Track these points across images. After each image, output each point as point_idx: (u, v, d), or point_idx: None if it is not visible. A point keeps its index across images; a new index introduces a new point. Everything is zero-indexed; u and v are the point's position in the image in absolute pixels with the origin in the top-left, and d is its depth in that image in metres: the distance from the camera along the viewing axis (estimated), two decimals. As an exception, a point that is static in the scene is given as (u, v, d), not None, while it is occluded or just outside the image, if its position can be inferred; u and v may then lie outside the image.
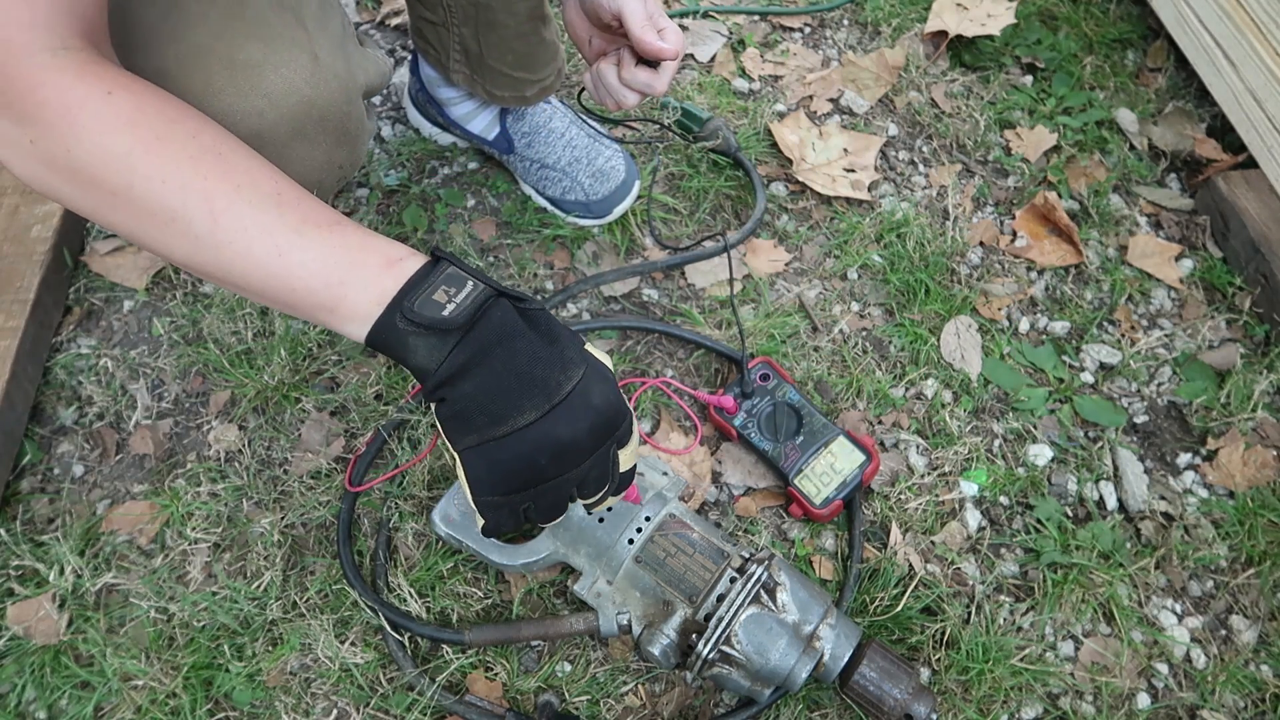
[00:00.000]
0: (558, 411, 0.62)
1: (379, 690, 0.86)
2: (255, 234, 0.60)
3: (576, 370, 0.63)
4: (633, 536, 0.86)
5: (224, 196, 0.60)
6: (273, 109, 0.71)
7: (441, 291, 0.61)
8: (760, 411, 1.00)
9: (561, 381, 0.62)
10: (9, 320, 1.01)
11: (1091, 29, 1.47)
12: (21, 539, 0.93)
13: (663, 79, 0.85)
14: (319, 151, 0.76)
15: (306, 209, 0.62)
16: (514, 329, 0.62)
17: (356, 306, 0.61)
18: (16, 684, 0.86)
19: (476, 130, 1.19)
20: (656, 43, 0.81)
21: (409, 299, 0.60)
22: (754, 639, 0.78)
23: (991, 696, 0.87)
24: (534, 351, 0.62)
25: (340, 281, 0.61)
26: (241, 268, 0.61)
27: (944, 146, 1.32)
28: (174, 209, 0.59)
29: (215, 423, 1.02)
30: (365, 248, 0.62)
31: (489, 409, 0.62)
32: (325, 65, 0.74)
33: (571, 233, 1.17)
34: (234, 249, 0.60)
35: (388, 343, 0.61)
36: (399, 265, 0.62)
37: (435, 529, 0.89)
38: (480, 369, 0.61)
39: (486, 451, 0.63)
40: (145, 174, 0.59)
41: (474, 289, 0.62)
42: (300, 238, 0.60)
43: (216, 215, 0.59)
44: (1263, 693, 0.90)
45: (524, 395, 0.61)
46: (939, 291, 1.15)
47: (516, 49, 1.04)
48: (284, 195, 0.61)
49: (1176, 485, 1.03)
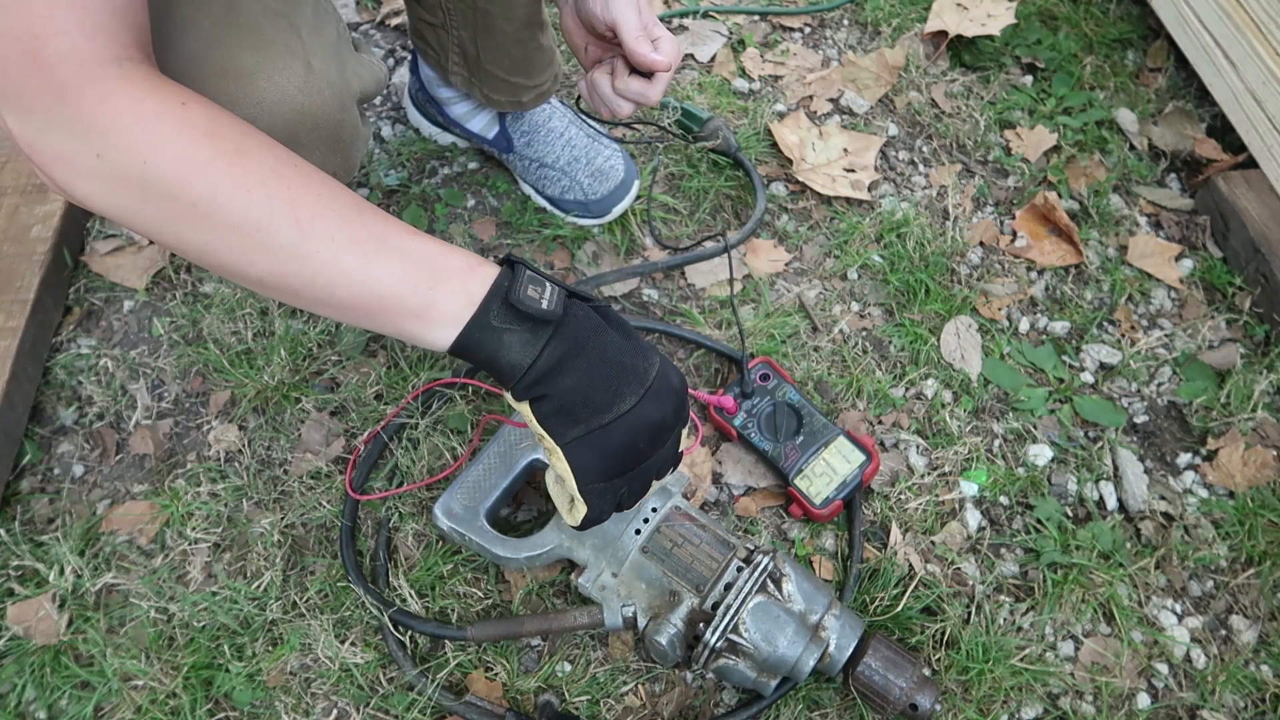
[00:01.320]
0: (649, 395, 0.66)
1: (379, 690, 0.86)
2: (342, 243, 0.60)
3: (655, 357, 0.68)
4: (639, 527, 0.86)
5: (308, 207, 0.60)
6: (266, 117, 0.70)
7: (533, 289, 0.63)
8: (760, 411, 1.00)
9: (647, 368, 0.67)
10: (9, 320, 1.01)
11: (1091, 29, 1.47)
12: (21, 539, 0.93)
13: (656, 89, 0.85)
14: (313, 159, 0.74)
15: (384, 219, 0.63)
16: (598, 323, 0.66)
17: (446, 310, 0.62)
18: (16, 684, 0.86)
19: (476, 129, 1.19)
20: (650, 55, 0.80)
21: (511, 292, 0.62)
22: (761, 627, 0.79)
23: (991, 696, 0.87)
24: (619, 343, 0.66)
25: (429, 287, 0.62)
26: (328, 278, 0.61)
27: (944, 146, 1.32)
28: (259, 219, 0.59)
29: (215, 423, 1.02)
30: (447, 254, 0.64)
31: (592, 400, 0.65)
32: (319, 73, 0.74)
33: (571, 233, 1.17)
34: (320, 259, 0.60)
35: (480, 343, 0.63)
36: (481, 269, 0.64)
37: (437, 523, 0.89)
38: (577, 361, 0.64)
39: (593, 440, 0.66)
40: (230, 184, 0.58)
41: (554, 288, 0.64)
42: (385, 245, 0.61)
43: (302, 225, 0.60)
44: (1263, 693, 0.90)
45: (622, 383, 0.65)
46: (939, 291, 1.15)
47: (513, 54, 1.04)
48: (362, 204, 0.62)
49: (1176, 485, 1.03)
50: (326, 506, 0.96)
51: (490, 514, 0.89)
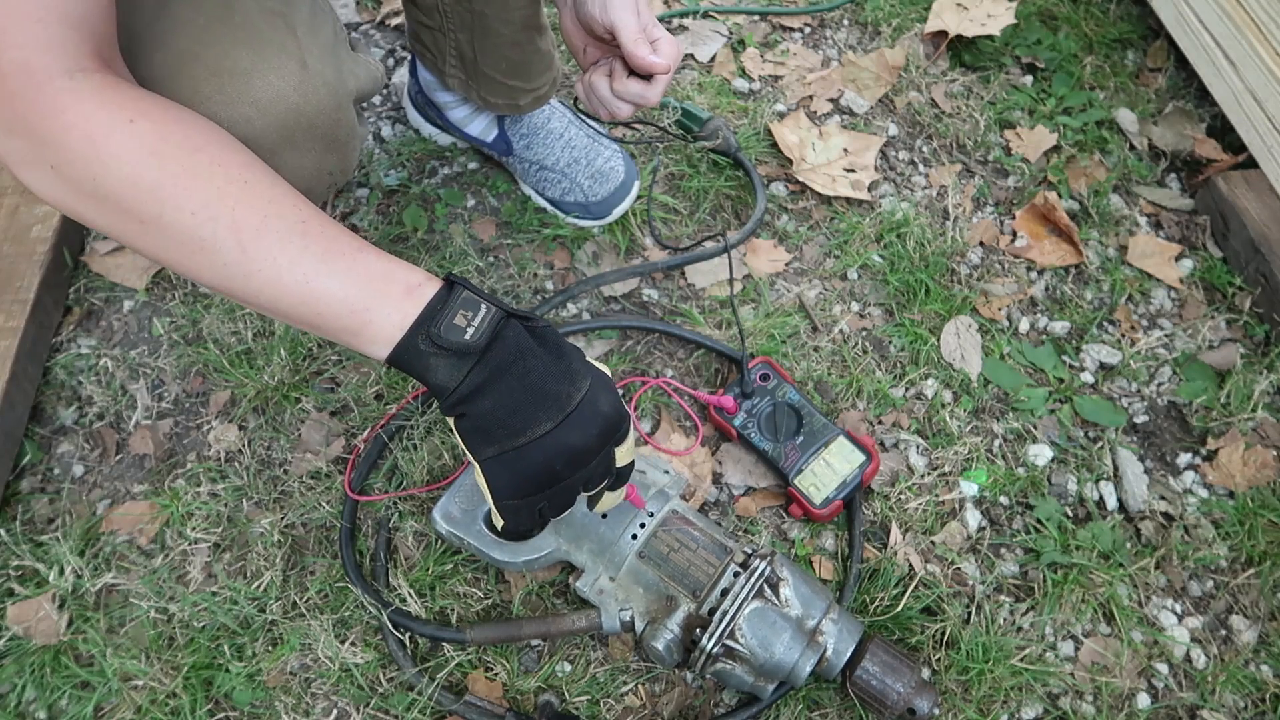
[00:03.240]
0: (570, 421, 0.67)
1: (379, 690, 0.86)
2: (283, 264, 0.62)
3: (584, 381, 0.69)
4: (636, 532, 0.86)
5: (251, 229, 0.62)
6: (260, 117, 0.70)
7: (460, 315, 0.65)
8: (760, 411, 1.00)
9: (571, 393, 0.68)
10: (9, 320, 1.01)
11: (1091, 29, 1.47)
12: (21, 539, 0.93)
13: (655, 91, 0.85)
14: (309, 159, 0.75)
15: (331, 237, 0.65)
16: (525, 348, 0.67)
17: (380, 330, 0.65)
18: (16, 684, 0.86)
19: (475, 133, 1.19)
20: (648, 57, 0.80)
21: (434, 324, 0.64)
22: (758, 633, 0.78)
23: (991, 696, 0.87)
24: (545, 367, 0.67)
25: (365, 308, 0.64)
26: (270, 294, 0.64)
27: (944, 146, 1.32)
28: (203, 239, 0.61)
29: (215, 423, 1.02)
30: (387, 275, 0.66)
31: (507, 423, 0.67)
32: (315, 72, 0.74)
33: (571, 233, 1.17)
34: (262, 278, 0.63)
35: (409, 363, 0.66)
36: (418, 291, 0.66)
37: (436, 527, 0.89)
38: (497, 386, 0.66)
39: (507, 461, 0.68)
40: (175, 205, 0.60)
41: (488, 312, 0.66)
42: (325, 266, 0.63)
43: (245, 246, 0.62)
44: (1263, 693, 0.90)
45: (539, 408, 0.67)
46: (939, 291, 1.15)
47: (511, 57, 1.04)
48: (309, 224, 0.64)
49: (1176, 485, 1.03)
50: (326, 506, 0.96)
51: (488, 518, 0.89)
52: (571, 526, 0.87)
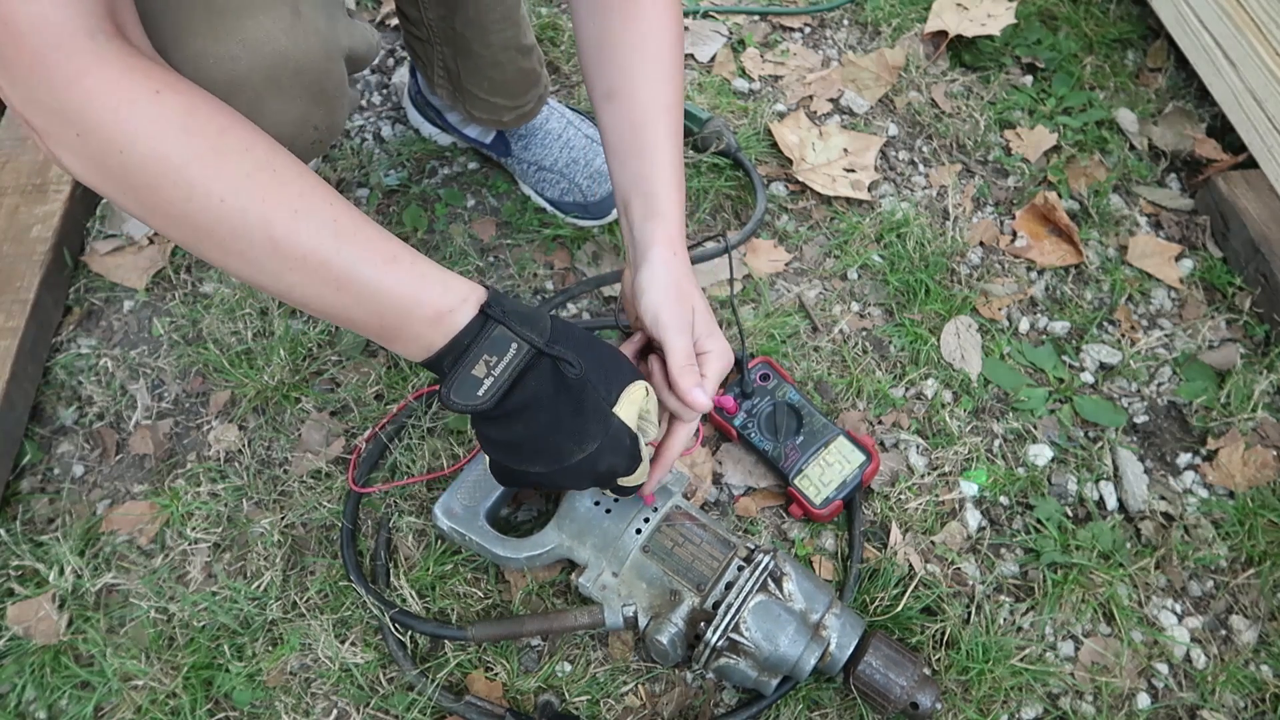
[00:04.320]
0: (564, 470, 0.71)
1: (379, 690, 0.86)
2: (313, 266, 0.60)
3: (591, 444, 0.70)
4: (640, 526, 0.86)
5: (282, 223, 0.59)
6: (247, 56, 0.68)
7: (481, 364, 0.65)
8: (760, 411, 1.00)
9: (573, 451, 0.70)
10: (9, 320, 1.01)
11: (1091, 29, 1.47)
12: (21, 539, 0.93)
13: (693, 417, 0.79)
14: (294, 108, 0.73)
15: (364, 240, 0.62)
16: (541, 399, 0.67)
17: (407, 350, 0.66)
18: (16, 684, 0.86)
19: (473, 135, 1.19)
20: (690, 392, 0.74)
21: (446, 385, 0.65)
22: (762, 626, 0.79)
23: (991, 696, 0.87)
24: (554, 421, 0.68)
25: (396, 328, 0.64)
26: (299, 295, 0.62)
27: (944, 146, 1.32)
28: (234, 229, 0.58)
29: (215, 423, 1.02)
30: (418, 296, 0.64)
31: (508, 453, 0.71)
32: (306, 19, 0.72)
33: (571, 233, 1.17)
34: (291, 279, 0.61)
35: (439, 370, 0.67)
36: (448, 319, 0.64)
37: (437, 523, 0.89)
38: (505, 425, 0.68)
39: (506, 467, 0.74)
40: (204, 189, 0.57)
41: (516, 354, 0.65)
42: (355, 277, 0.61)
43: (276, 242, 0.59)
44: (1263, 693, 0.90)
45: (535, 459, 0.70)
46: (939, 291, 1.15)
47: (492, 76, 1.04)
48: (340, 222, 0.61)
49: (1176, 485, 1.03)
50: (326, 506, 0.96)
51: (490, 514, 0.89)
52: (574, 522, 0.87)
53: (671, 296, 0.76)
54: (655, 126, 0.79)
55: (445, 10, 1.00)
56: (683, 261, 0.78)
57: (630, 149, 0.80)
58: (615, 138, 0.81)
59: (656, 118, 0.79)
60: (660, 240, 0.78)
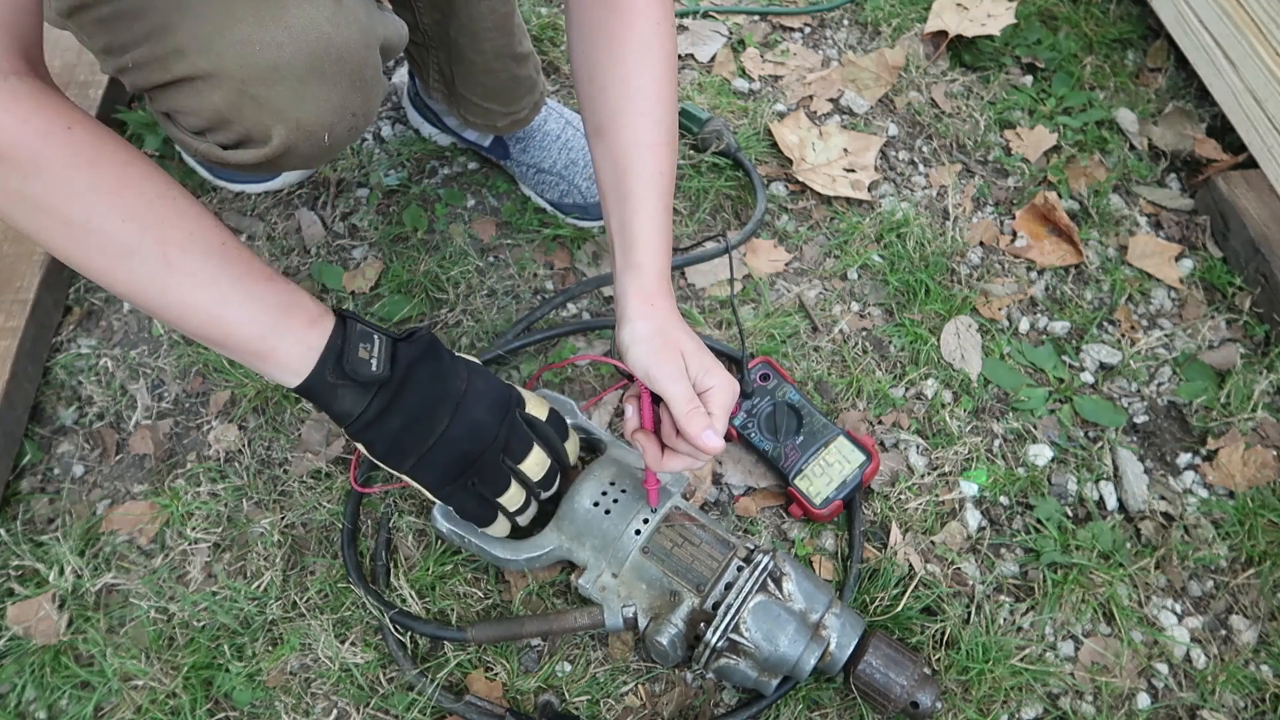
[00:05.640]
0: (462, 408, 0.78)
1: (379, 690, 0.86)
2: (203, 280, 0.66)
3: (463, 371, 0.80)
4: (639, 527, 0.86)
5: (177, 243, 0.65)
6: (292, 42, 0.69)
7: (363, 349, 0.73)
8: (760, 411, 1.00)
9: (457, 385, 0.78)
10: (9, 320, 1.01)
11: (1091, 29, 1.47)
12: (21, 539, 0.93)
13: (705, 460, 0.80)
14: (335, 94, 0.74)
15: (246, 261, 0.69)
16: (413, 364, 0.76)
17: (289, 358, 0.71)
18: (16, 684, 0.86)
19: (471, 137, 1.20)
20: (700, 436, 0.74)
21: (343, 358, 0.72)
22: (762, 626, 0.79)
23: (991, 696, 0.87)
24: (430, 375, 0.77)
25: (275, 334, 0.70)
26: (182, 309, 0.67)
27: (944, 146, 1.32)
28: (130, 247, 0.63)
29: (215, 423, 1.02)
30: (294, 304, 0.71)
31: (415, 432, 0.77)
32: (348, 7, 0.73)
33: (571, 233, 1.17)
34: (180, 291, 0.66)
35: (316, 393, 0.73)
36: (320, 322, 0.72)
37: (437, 525, 0.89)
38: (398, 405, 0.75)
39: (426, 462, 0.78)
40: (105, 211, 0.62)
41: (381, 341, 0.75)
42: (240, 288, 0.68)
43: (170, 259, 0.65)
44: (1263, 693, 0.90)
45: (437, 409, 0.77)
46: (939, 291, 1.15)
47: (485, 83, 1.05)
48: (228, 247, 0.68)
49: (1176, 485, 1.03)
50: (326, 506, 0.96)
51: None
52: (574, 523, 0.87)
53: (656, 348, 0.76)
54: (638, 169, 0.79)
55: (440, 16, 1.00)
56: (663, 311, 0.78)
57: (613, 192, 0.80)
58: (601, 177, 0.82)
59: (639, 158, 0.79)
60: (635, 295, 0.78)
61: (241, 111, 0.70)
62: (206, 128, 0.73)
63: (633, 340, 0.76)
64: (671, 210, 0.82)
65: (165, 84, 0.71)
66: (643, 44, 0.79)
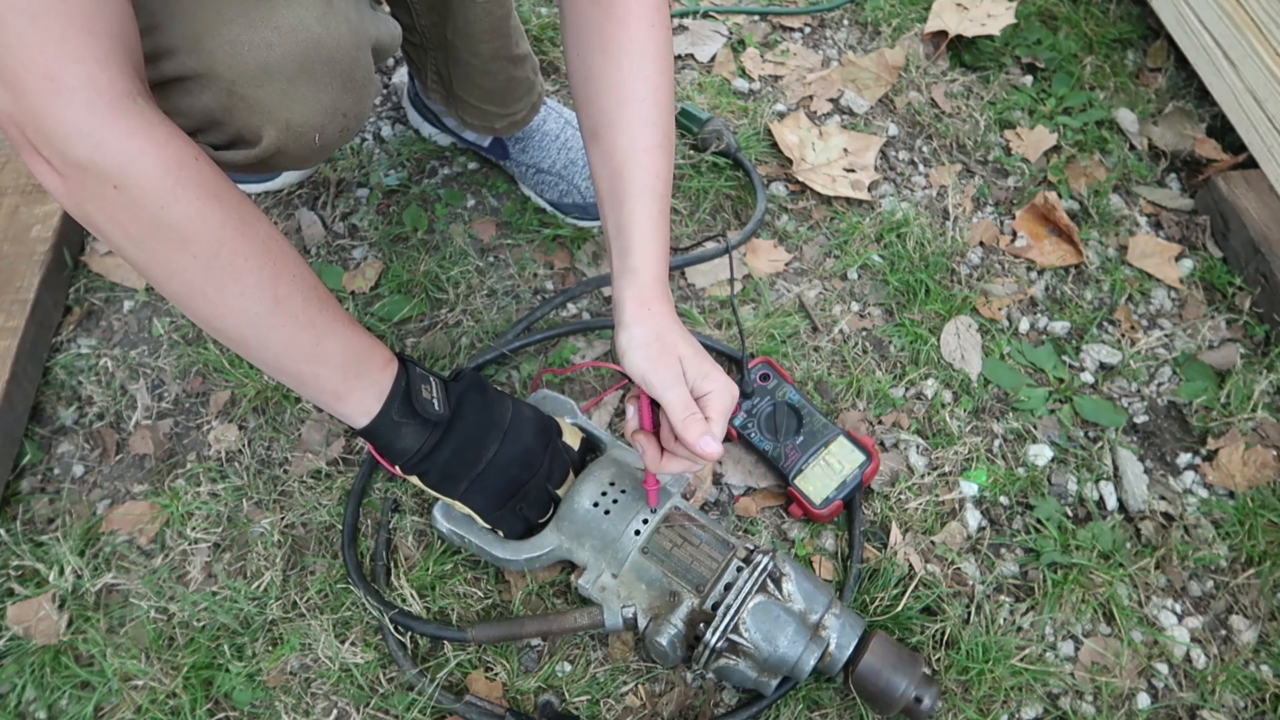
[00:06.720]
0: (509, 435, 0.83)
1: (379, 690, 0.86)
2: (303, 322, 0.69)
3: (508, 403, 0.85)
4: (639, 528, 0.86)
5: (286, 284, 0.67)
6: (281, 42, 0.69)
7: (424, 389, 0.79)
8: (760, 411, 1.00)
9: (504, 413, 0.84)
10: (9, 320, 1.01)
11: (1091, 29, 1.47)
12: (21, 539, 0.93)
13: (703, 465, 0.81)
14: (325, 95, 0.74)
15: (335, 306, 0.73)
16: (463, 396, 0.81)
17: (364, 400, 0.76)
18: (16, 684, 0.86)
19: (470, 138, 1.20)
20: (698, 443, 0.74)
21: (411, 398, 0.77)
22: (762, 627, 0.79)
23: (991, 696, 0.87)
24: (478, 404, 0.82)
25: (356, 375, 0.75)
26: (279, 350, 0.70)
27: (944, 146, 1.32)
28: (247, 285, 0.65)
29: (215, 423, 1.02)
30: (371, 349, 0.76)
31: (466, 459, 0.82)
32: (338, 8, 0.73)
33: (571, 233, 1.17)
34: (284, 332, 0.69)
35: (379, 431, 0.78)
36: (389, 367, 0.78)
37: (437, 525, 0.89)
38: (450, 437, 0.81)
39: (477, 487, 0.83)
40: (233, 248, 0.63)
41: (436, 382, 0.81)
42: (332, 333, 0.72)
43: (279, 299, 0.67)
44: (1263, 693, 0.90)
45: (485, 437, 0.82)
46: (939, 291, 1.15)
47: (482, 85, 1.05)
48: (319, 290, 0.71)
49: (1176, 485, 1.03)
50: (326, 506, 0.96)
51: None
52: (573, 524, 0.87)
53: (653, 354, 0.76)
54: (634, 172, 0.79)
55: (436, 18, 1.00)
56: (660, 315, 0.78)
57: (610, 195, 0.80)
58: (599, 181, 0.82)
59: (635, 162, 0.79)
60: (631, 299, 0.78)
61: (231, 112, 0.70)
62: (198, 128, 0.73)
63: (630, 345, 0.76)
64: (669, 213, 0.82)
65: (155, 84, 0.70)
66: (637, 46, 0.79)
